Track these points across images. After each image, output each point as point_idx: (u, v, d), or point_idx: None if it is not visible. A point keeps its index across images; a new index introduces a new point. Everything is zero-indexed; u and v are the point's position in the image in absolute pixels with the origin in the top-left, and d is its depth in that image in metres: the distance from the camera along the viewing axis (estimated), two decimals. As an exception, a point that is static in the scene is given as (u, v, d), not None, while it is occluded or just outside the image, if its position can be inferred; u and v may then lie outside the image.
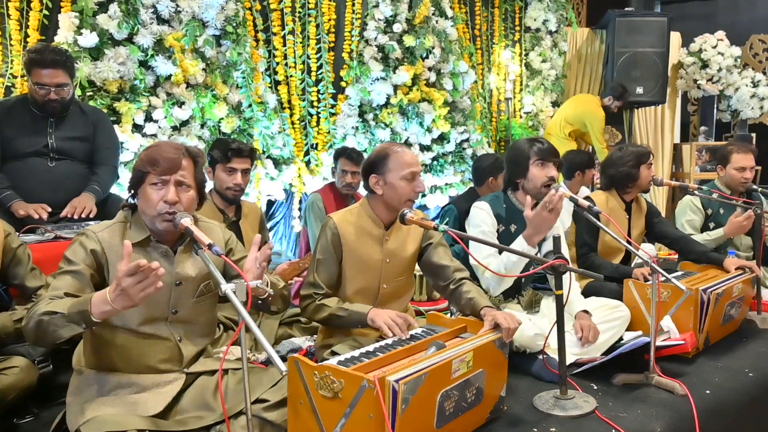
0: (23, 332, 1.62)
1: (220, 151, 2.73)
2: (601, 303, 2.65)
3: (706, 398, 2.19)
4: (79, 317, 1.51)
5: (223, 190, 2.75)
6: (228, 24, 3.90)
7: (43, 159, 2.74)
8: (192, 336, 1.87)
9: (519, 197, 2.61)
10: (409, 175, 2.18)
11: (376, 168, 2.22)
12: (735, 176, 3.48)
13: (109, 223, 1.82)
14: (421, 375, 1.59)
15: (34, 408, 2.06)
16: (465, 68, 5.15)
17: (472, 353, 1.77)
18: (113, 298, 1.47)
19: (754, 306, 3.10)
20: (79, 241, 1.74)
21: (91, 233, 1.76)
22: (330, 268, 2.21)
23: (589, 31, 6.47)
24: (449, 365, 1.69)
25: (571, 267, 2.05)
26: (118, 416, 1.61)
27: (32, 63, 2.67)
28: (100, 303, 1.49)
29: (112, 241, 1.76)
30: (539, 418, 1.99)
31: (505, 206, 2.62)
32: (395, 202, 2.20)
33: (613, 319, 2.58)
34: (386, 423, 1.50)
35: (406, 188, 2.18)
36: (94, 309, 1.49)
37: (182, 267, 1.82)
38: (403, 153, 2.21)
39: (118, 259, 1.70)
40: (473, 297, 2.14)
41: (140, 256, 1.74)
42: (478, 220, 2.58)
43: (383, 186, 2.21)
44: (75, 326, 1.52)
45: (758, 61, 7.13)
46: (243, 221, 2.84)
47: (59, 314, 1.51)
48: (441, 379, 1.67)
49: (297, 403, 1.67)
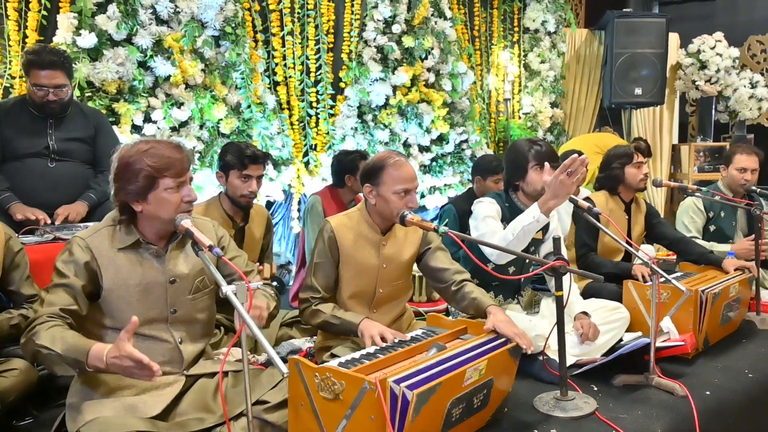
0: (21, 349, 1.69)
1: (235, 158, 2.67)
2: (601, 305, 2.66)
3: (706, 399, 2.19)
4: (74, 363, 1.57)
5: (237, 197, 2.71)
6: (227, 25, 3.89)
7: (43, 160, 2.73)
8: (192, 336, 1.87)
9: (520, 198, 2.62)
10: (401, 192, 2.14)
11: (370, 178, 2.20)
12: (736, 176, 3.50)
13: (98, 227, 1.80)
14: (435, 385, 1.57)
15: (33, 410, 2.06)
16: (464, 69, 5.15)
17: (487, 362, 1.76)
18: (110, 363, 1.52)
19: (754, 307, 3.12)
20: (69, 251, 1.74)
21: (80, 240, 1.75)
22: (327, 272, 2.21)
23: (588, 32, 6.47)
24: (463, 374, 1.68)
25: (572, 268, 2.05)
26: (119, 418, 1.61)
27: (30, 64, 2.66)
28: (96, 359, 1.54)
29: (101, 246, 1.75)
30: (540, 419, 2.00)
31: (507, 205, 2.63)
32: (387, 214, 2.19)
33: (612, 321, 2.59)
34: (388, 425, 1.50)
35: (398, 203, 2.15)
36: (89, 361, 1.54)
37: (174, 265, 1.82)
38: (398, 168, 2.16)
39: (109, 264, 1.74)
40: (477, 297, 2.15)
41: (133, 258, 1.76)
42: (484, 209, 2.55)
43: (376, 197, 2.19)
44: (69, 368, 1.59)
45: (756, 62, 7.14)
46: (249, 225, 2.83)
47: (55, 353, 1.56)
48: (453, 388, 1.66)
49: (298, 404, 1.67)
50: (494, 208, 2.57)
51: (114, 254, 1.75)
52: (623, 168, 3.16)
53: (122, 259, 1.76)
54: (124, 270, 1.75)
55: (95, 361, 1.53)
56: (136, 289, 1.76)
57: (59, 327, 1.62)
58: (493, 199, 2.62)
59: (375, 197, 2.19)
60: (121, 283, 1.75)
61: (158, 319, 1.81)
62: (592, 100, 6.46)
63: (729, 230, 3.53)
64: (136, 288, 1.76)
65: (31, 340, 1.59)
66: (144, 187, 1.71)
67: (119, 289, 1.74)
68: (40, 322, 1.62)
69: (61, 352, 1.55)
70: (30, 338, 1.60)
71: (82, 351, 1.55)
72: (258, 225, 2.90)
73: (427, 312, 3.11)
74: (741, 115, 6.65)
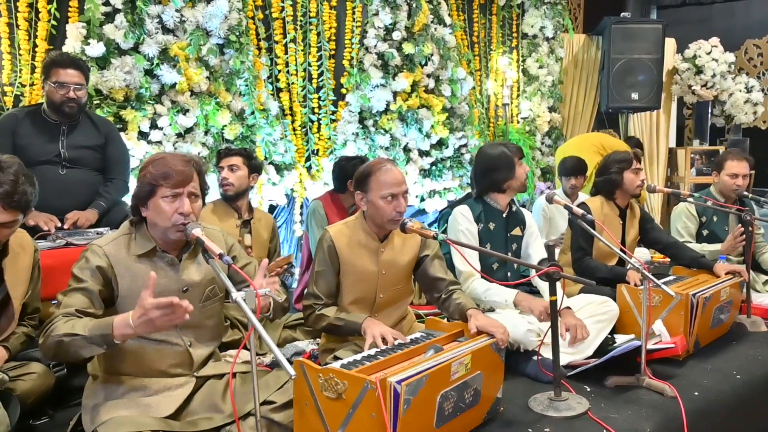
0: (40, 349, 1.71)
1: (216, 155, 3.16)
2: (589, 300, 2.74)
3: (694, 400, 2.26)
4: (100, 339, 1.60)
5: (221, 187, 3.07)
6: (231, 33, 3.98)
7: (54, 167, 2.81)
8: (201, 340, 1.94)
9: (494, 198, 2.82)
10: (388, 196, 2.20)
11: (360, 185, 2.27)
12: (728, 182, 3.56)
13: (114, 235, 1.87)
14: (422, 377, 1.67)
15: (49, 410, 2.13)
16: (463, 75, 5.24)
17: (471, 356, 1.85)
18: (137, 324, 1.57)
19: (744, 310, 3.19)
20: (85, 258, 1.79)
21: (96, 248, 1.81)
22: (328, 279, 2.28)
23: (586, 37, 6.55)
24: (449, 367, 1.77)
25: (565, 274, 2.13)
26: (133, 417, 1.69)
27: (53, 64, 2.81)
28: (123, 326, 1.58)
29: (118, 255, 1.81)
30: (534, 419, 2.07)
31: (482, 208, 2.80)
32: (378, 220, 2.26)
33: (601, 314, 2.65)
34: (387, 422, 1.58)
35: (386, 208, 2.21)
36: (116, 332, 1.59)
37: (188, 274, 1.89)
38: (385, 173, 2.21)
39: (126, 272, 1.80)
40: (461, 302, 2.26)
41: (147, 267, 1.82)
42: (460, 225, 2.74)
43: (367, 203, 2.26)
44: (96, 347, 1.62)
45: (753, 66, 7.23)
46: (255, 223, 3.00)
47: (80, 336, 1.60)
48: (441, 381, 1.75)
49: (303, 404, 1.75)
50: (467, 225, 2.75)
51: (131, 262, 1.82)
52: (622, 173, 3.20)
53: (139, 267, 1.82)
54: (140, 278, 1.80)
55: (122, 329, 1.58)
56: None
57: (77, 320, 1.67)
58: (468, 209, 2.78)
59: (366, 203, 2.26)
60: (137, 291, 1.78)
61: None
62: (589, 105, 6.54)
63: (722, 234, 3.59)
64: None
65: (50, 336, 1.63)
66: (146, 193, 1.80)
67: (134, 297, 1.78)
68: (56, 320, 1.66)
69: (86, 334, 1.60)
70: (48, 334, 1.64)
71: (107, 325, 1.60)
72: (264, 226, 3.11)
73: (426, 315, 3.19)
74: (737, 119, 6.72)
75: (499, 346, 2.00)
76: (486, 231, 2.78)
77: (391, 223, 2.24)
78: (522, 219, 2.90)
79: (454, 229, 2.75)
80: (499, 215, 2.82)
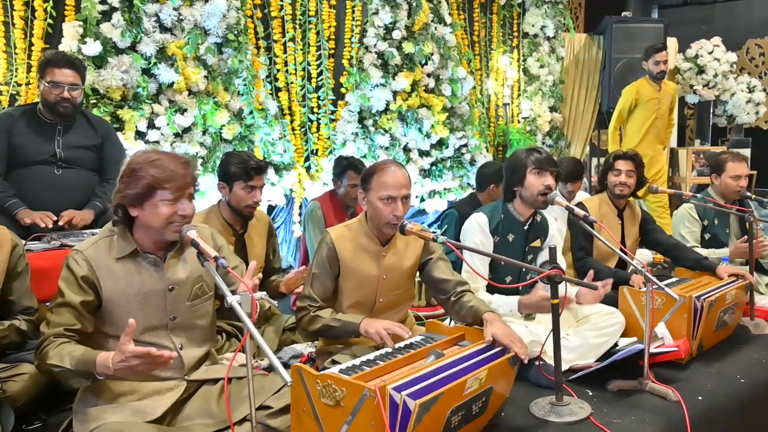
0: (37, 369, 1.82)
1: (240, 169, 2.70)
2: (596, 309, 2.69)
3: (698, 404, 2.23)
4: (85, 375, 1.65)
5: (241, 208, 2.74)
6: (229, 32, 3.95)
7: (49, 167, 2.78)
8: (193, 342, 1.91)
9: (516, 207, 2.65)
10: (386, 198, 2.15)
11: (364, 183, 2.23)
12: (731, 184, 3.52)
13: (95, 238, 1.84)
14: (437, 395, 1.61)
15: (42, 414, 2.09)
16: (463, 74, 5.21)
17: (487, 371, 1.79)
18: (116, 369, 1.59)
19: (748, 312, 3.16)
20: (68, 268, 1.77)
21: (76, 254, 1.78)
22: (325, 283, 2.24)
23: (587, 36, 6.52)
24: (464, 384, 1.71)
25: (567, 277, 2.09)
26: (126, 424, 1.66)
27: (48, 63, 2.76)
28: (103, 368, 1.61)
29: (99, 258, 1.79)
30: (536, 424, 2.04)
31: (503, 216, 2.64)
32: (376, 221, 2.21)
33: (608, 326, 2.61)
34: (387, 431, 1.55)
35: (383, 210, 2.16)
36: (98, 371, 1.62)
37: (172, 272, 1.86)
38: (387, 174, 2.16)
39: (108, 275, 1.78)
40: (474, 305, 2.17)
41: (131, 267, 1.80)
42: (475, 236, 2.58)
43: (367, 203, 2.22)
44: (83, 380, 1.70)
45: (755, 65, 7.20)
46: (249, 233, 2.87)
47: (67, 369, 1.65)
48: (454, 397, 1.70)
49: (300, 410, 1.71)
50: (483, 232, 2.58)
51: (112, 264, 1.79)
52: (606, 174, 3.25)
53: (120, 269, 1.79)
54: (123, 280, 1.78)
55: (103, 369, 1.60)
56: (135, 298, 1.80)
57: (66, 344, 1.69)
58: (487, 218, 2.61)
59: (366, 203, 2.23)
60: (121, 293, 1.78)
61: (158, 327, 1.84)
62: (590, 105, 6.51)
63: (723, 237, 3.57)
64: (135, 297, 1.80)
65: (44, 362, 1.68)
66: (142, 194, 1.75)
67: (119, 299, 1.78)
68: (47, 343, 1.70)
69: (72, 368, 1.64)
70: (42, 360, 1.69)
71: (90, 362, 1.62)
72: (258, 232, 2.92)
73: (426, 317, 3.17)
74: (739, 119, 6.70)
75: (516, 359, 1.93)
76: (503, 244, 2.60)
77: (388, 227, 2.19)
78: (545, 229, 2.73)
79: (467, 236, 2.62)
80: (520, 226, 2.63)
